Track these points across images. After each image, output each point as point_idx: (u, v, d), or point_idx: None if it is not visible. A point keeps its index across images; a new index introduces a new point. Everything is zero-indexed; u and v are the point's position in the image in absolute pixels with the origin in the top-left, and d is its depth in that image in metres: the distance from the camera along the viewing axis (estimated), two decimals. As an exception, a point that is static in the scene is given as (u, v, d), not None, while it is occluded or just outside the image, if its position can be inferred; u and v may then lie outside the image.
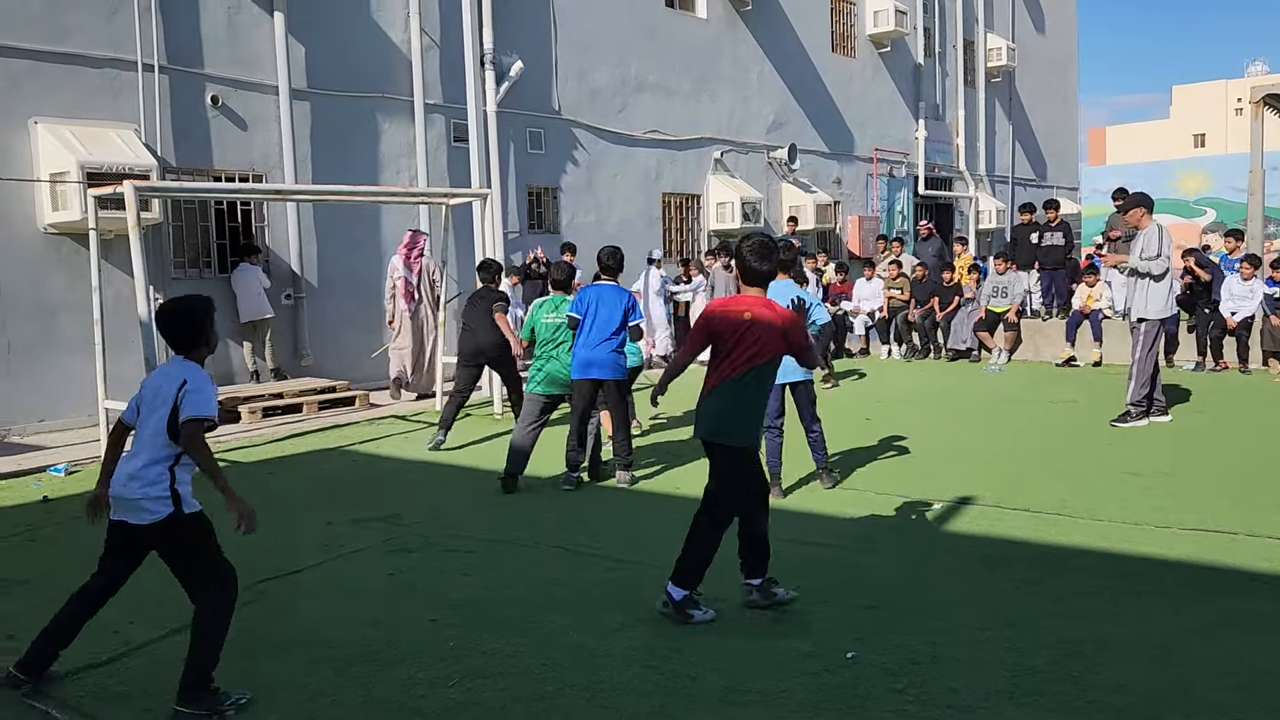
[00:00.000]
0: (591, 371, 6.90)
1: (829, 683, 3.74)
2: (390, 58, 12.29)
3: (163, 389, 3.73)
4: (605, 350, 6.87)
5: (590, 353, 6.87)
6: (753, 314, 4.41)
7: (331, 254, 11.86)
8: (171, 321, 3.89)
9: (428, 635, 4.32)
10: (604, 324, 6.85)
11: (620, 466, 7.05)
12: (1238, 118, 48.70)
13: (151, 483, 3.66)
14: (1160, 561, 5.03)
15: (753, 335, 4.37)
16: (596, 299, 6.92)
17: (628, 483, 7.00)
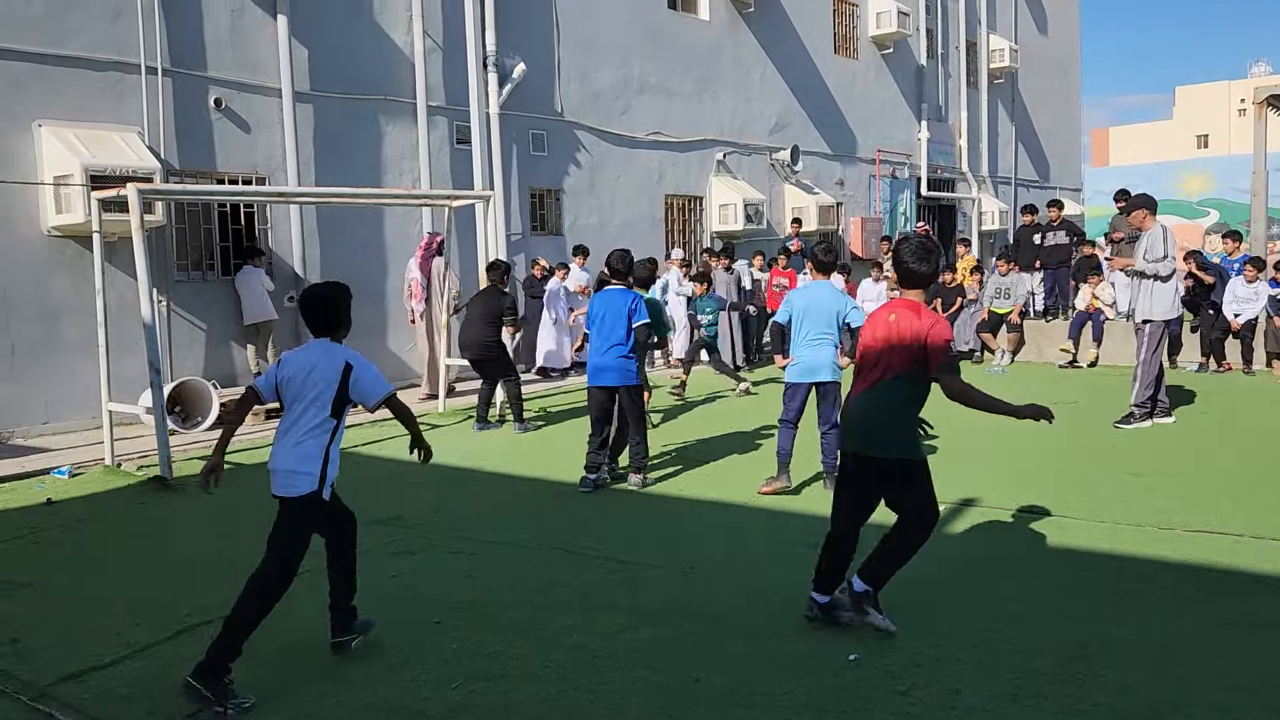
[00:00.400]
0: (602, 378, 6.90)
1: (832, 685, 3.74)
2: (393, 60, 12.31)
3: (319, 369, 4.00)
4: (613, 356, 6.84)
5: (599, 359, 6.88)
6: (898, 316, 4.25)
7: (334, 256, 11.87)
8: (315, 306, 4.12)
9: (431, 637, 4.33)
10: (610, 330, 6.83)
11: (634, 470, 7.03)
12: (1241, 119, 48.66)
13: (309, 458, 4.01)
14: (1163, 563, 5.03)
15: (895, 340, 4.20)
16: (604, 306, 6.92)
17: (639, 486, 6.98)
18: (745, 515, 6.26)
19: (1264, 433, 8.24)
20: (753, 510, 6.35)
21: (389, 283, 12.37)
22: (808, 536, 5.70)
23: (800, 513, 6.24)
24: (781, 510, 6.32)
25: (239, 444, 8.99)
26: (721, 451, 8.14)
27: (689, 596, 4.74)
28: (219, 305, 10.92)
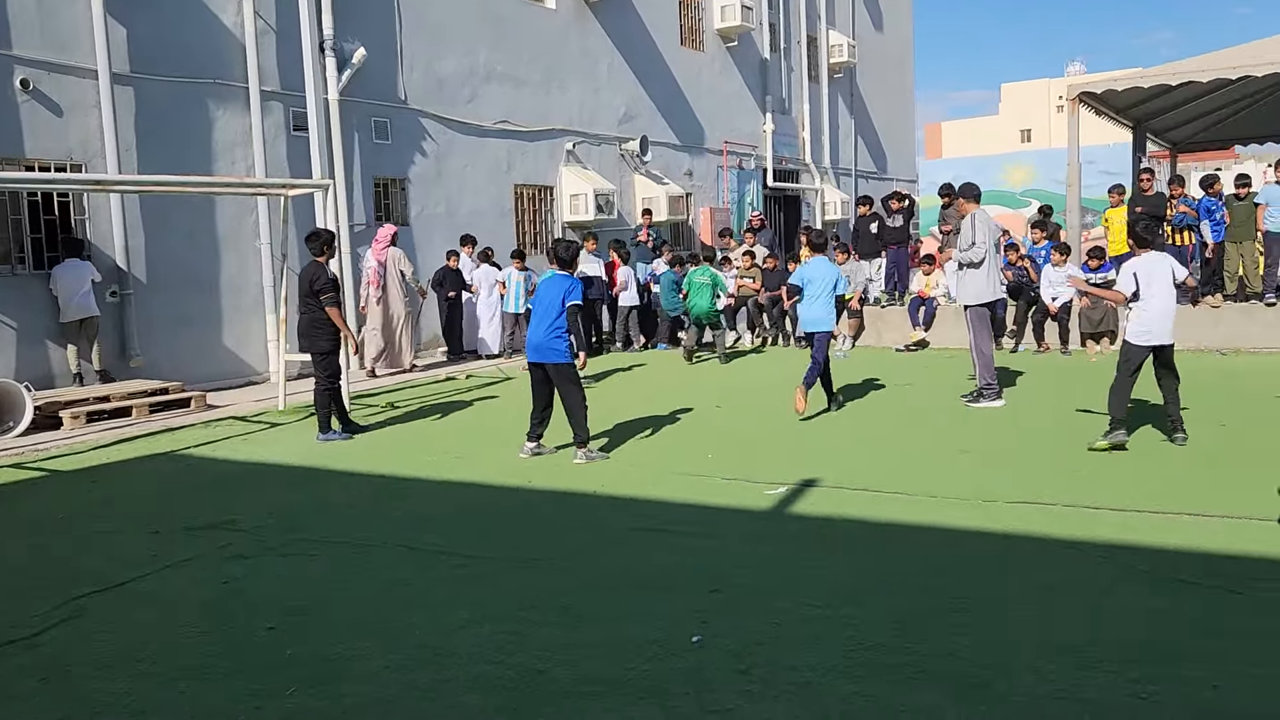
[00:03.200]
0: (535, 355, 7.37)
1: (675, 667, 3.77)
2: (222, 42, 11.72)
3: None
4: (546, 335, 7.29)
5: (533, 338, 7.38)
6: None
7: (161, 248, 11.24)
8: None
9: (264, 644, 4.14)
10: (545, 310, 7.33)
11: (577, 444, 7.35)
12: (1059, 114, 51.94)
13: None
14: (988, 533, 5.30)
15: None
16: (544, 289, 7.46)
17: (584, 460, 7.27)
18: (592, 504, 6.26)
19: (1078, 408, 8.80)
20: (598, 499, 6.36)
21: (223, 274, 11.81)
22: (649, 521, 5.77)
23: (645, 499, 6.29)
24: (626, 497, 6.35)
25: (59, 451, 8.43)
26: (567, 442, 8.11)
27: (535, 588, 4.69)
28: (31, 301, 10.18)
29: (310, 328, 8.52)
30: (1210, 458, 6.75)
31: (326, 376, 8.53)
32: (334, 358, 8.58)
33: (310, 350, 8.57)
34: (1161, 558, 4.79)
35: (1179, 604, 4.20)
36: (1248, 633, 3.88)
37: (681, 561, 5.02)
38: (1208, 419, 7.99)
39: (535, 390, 7.51)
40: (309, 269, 8.52)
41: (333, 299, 8.43)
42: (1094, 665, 3.63)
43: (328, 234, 8.74)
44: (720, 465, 7.12)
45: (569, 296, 7.29)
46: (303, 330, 8.63)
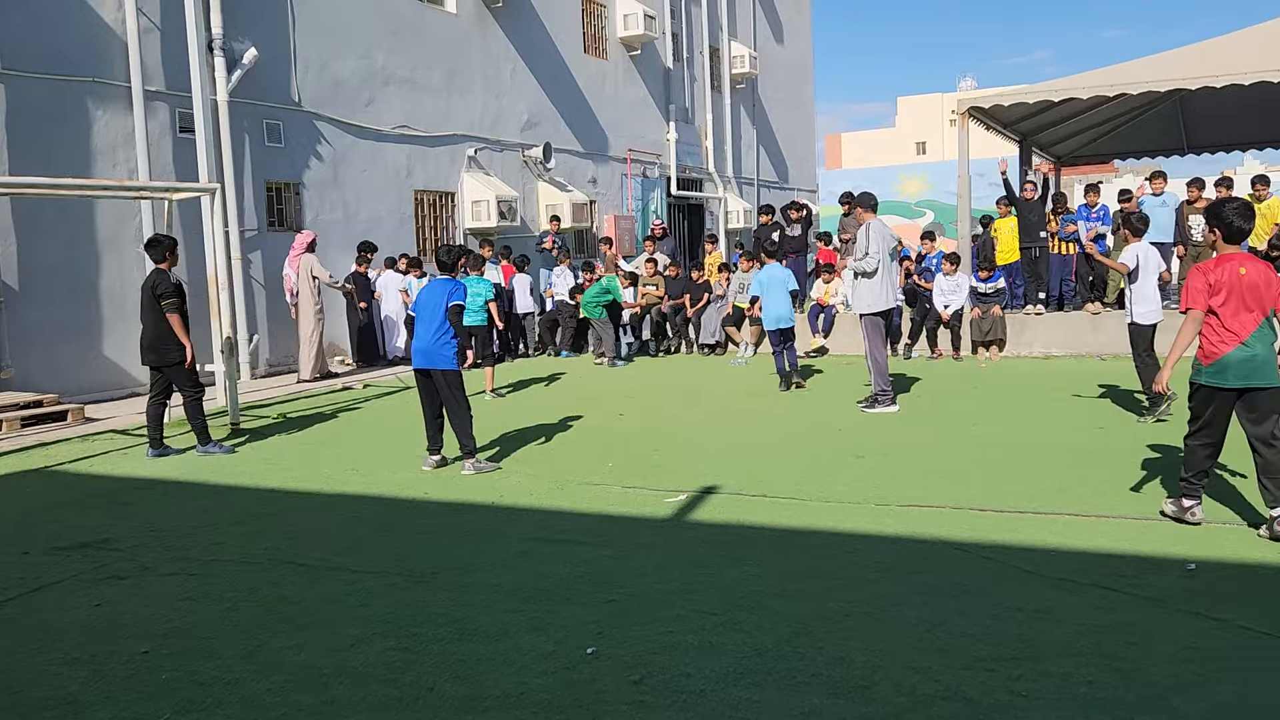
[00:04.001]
0: (421, 361, 7.28)
1: (568, 680, 3.73)
2: (102, 39, 11.23)
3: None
4: (434, 340, 7.19)
5: (418, 344, 7.29)
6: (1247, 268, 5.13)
7: (35, 254, 10.70)
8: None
9: (138, 669, 3.95)
10: (430, 315, 7.25)
11: (464, 454, 7.26)
12: (952, 128, 53.64)
13: None
14: (880, 537, 5.40)
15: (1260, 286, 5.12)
16: (428, 294, 7.35)
17: (472, 471, 7.15)
18: (489, 515, 6.17)
19: (969, 413, 9.07)
20: (496, 510, 6.28)
21: (103, 281, 11.31)
22: (546, 532, 5.72)
23: (543, 509, 6.24)
24: (524, 508, 6.28)
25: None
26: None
27: (428, 604, 4.59)
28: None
29: (157, 339, 8.03)
30: (1089, 460, 7.01)
31: (191, 387, 8.14)
32: (191, 367, 8.13)
33: (161, 364, 8.08)
34: (1042, 557, 4.95)
35: (1058, 602, 4.34)
36: (1121, 628, 4.03)
37: (578, 572, 4.98)
38: (1088, 423, 8.32)
39: (425, 399, 7.39)
40: (150, 277, 8.08)
41: (174, 305, 7.97)
42: (976, 664, 3.72)
43: (169, 240, 8.32)
44: (620, 474, 7.10)
45: (451, 299, 7.23)
46: (149, 343, 8.07)
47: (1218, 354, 5.13)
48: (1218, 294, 5.14)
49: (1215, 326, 5.17)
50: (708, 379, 12.17)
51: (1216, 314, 5.15)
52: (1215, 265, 5.22)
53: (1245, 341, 5.08)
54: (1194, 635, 3.94)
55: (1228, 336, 5.10)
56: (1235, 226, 5.21)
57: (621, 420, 9.38)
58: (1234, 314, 5.11)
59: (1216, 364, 5.13)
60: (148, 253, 8.32)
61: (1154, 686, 3.51)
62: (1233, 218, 5.21)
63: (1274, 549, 4.94)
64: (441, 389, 7.25)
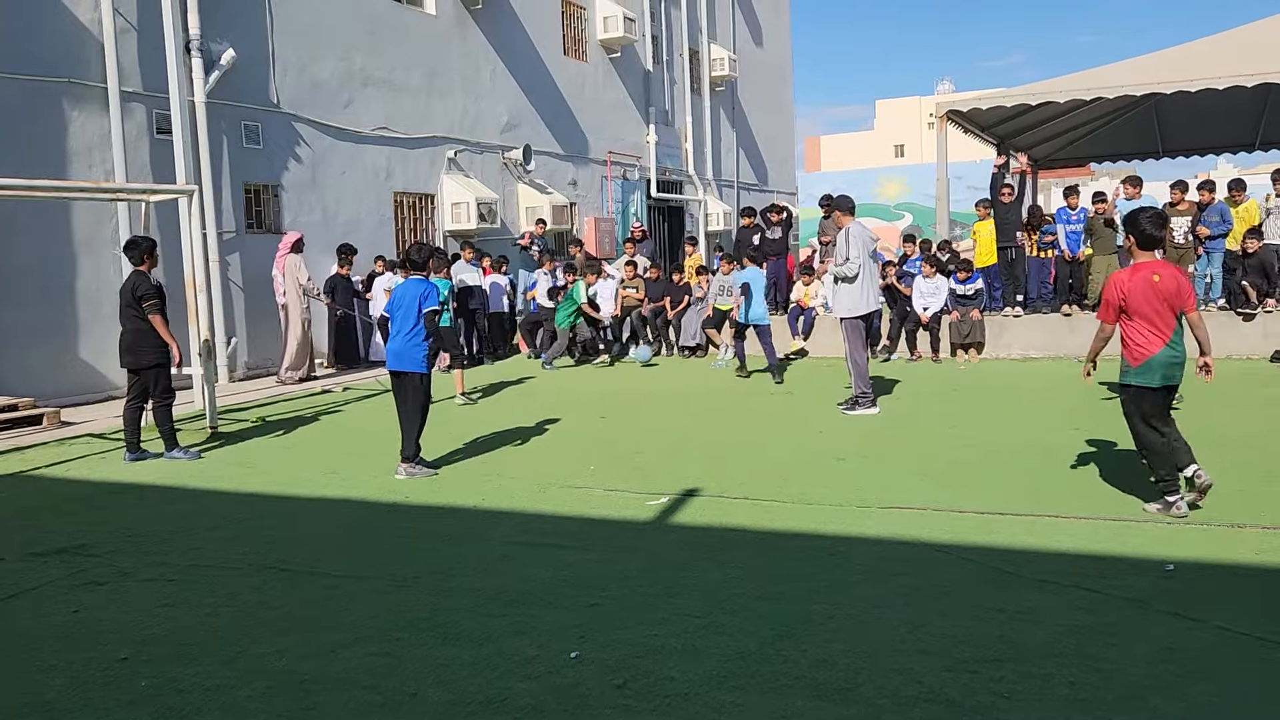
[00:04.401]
0: (393, 363, 7.26)
1: (552, 684, 3.73)
2: (78, 39, 11.12)
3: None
4: (404, 343, 7.17)
5: (392, 345, 7.27)
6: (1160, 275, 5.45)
7: (10, 255, 10.58)
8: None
9: (117, 676, 3.91)
10: (404, 316, 7.20)
11: (403, 459, 7.22)
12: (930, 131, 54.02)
13: None
14: (862, 539, 5.42)
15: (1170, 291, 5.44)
16: (401, 295, 7.28)
17: (404, 474, 7.14)
18: (470, 519, 6.16)
19: (949, 415, 9.13)
20: (477, 514, 6.26)
21: (79, 283, 11.19)
22: (529, 535, 5.71)
23: (525, 512, 6.22)
24: (506, 511, 6.27)
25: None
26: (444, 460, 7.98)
27: (410, 608, 4.57)
28: None
29: (135, 342, 7.97)
30: (1067, 461, 7.07)
31: (161, 391, 8.04)
32: (164, 370, 8.04)
33: (136, 366, 7.99)
34: (1022, 558, 4.98)
35: (1039, 603, 4.38)
36: (1101, 629, 4.06)
37: (561, 575, 4.97)
38: (1065, 424, 8.38)
39: (399, 400, 7.32)
40: (130, 279, 8.04)
41: (156, 306, 7.91)
42: (958, 666, 3.74)
43: (147, 242, 8.24)
44: (602, 477, 7.10)
45: (425, 302, 7.18)
46: (126, 345, 8.02)
47: (1146, 355, 5.46)
48: (1135, 301, 5.47)
49: (1141, 330, 5.48)
50: (689, 381, 12.18)
51: (1139, 319, 5.48)
52: (1130, 275, 5.54)
53: (1170, 342, 5.46)
54: (1173, 635, 3.98)
55: (1154, 339, 5.45)
56: (1148, 234, 5.58)
57: (602, 423, 9.37)
58: (1156, 318, 5.45)
59: (1145, 365, 5.47)
60: (126, 254, 8.25)
61: (1134, 686, 3.54)
62: (1146, 226, 5.57)
63: (1250, 550, 5.00)
64: (409, 391, 7.21)
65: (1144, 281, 5.47)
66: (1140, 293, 5.45)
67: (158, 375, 8.01)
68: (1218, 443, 7.22)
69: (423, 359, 7.18)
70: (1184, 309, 5.50)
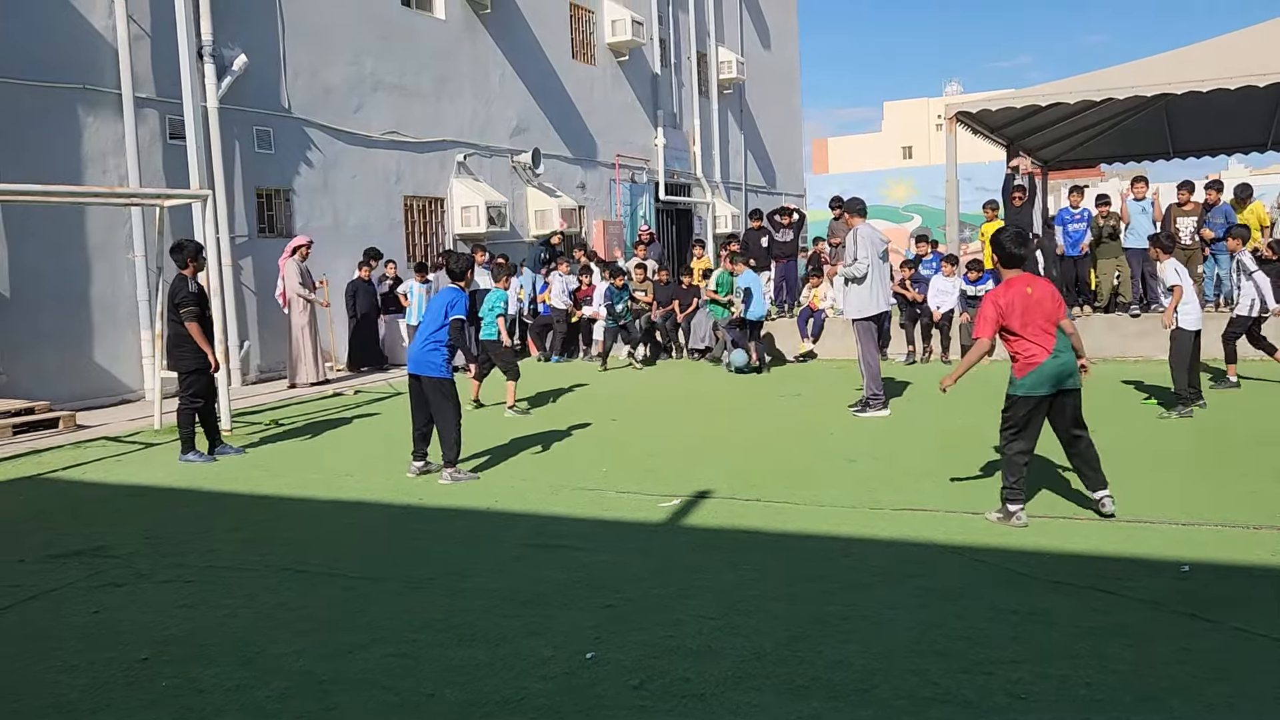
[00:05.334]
0: (412, 368, 7.29)
1: (568, 685, 3.74)
2: (92, 45, 11.20)
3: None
4: (424, 349, 7.20)
5: (413, 350, 7.32)
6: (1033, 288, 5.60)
7: (25, 261, 10.65)
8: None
9: (137, 676, 3.94)
10: (429, 324, 7.27)
11: (445, 464, 7.18)
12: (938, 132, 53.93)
13: None
14: (875, 540, 5.43)
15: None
16: (433, 302, 7.41)
17: (449, 480, 7.12)
18: (484, 521, 6.18)
19: (960, 417, 9.12)
20: (491, 515, 6.29)
21: (93, 288, 11.27)
22: (542, 537, 5.74)
23: (539, 514, 6.25)
24: (520, 513, 6.29)
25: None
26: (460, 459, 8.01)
27: (426, 609, 4.60)
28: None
29: (174, 345, 8.09)
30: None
31: (189, 395, 8.07)
32: (198, 377, 8.08)
33: (175, 369, 8.11)
34: (1036, 560, 4.99)
35: (1053, 604, 4.38)
36: (1117, 630, 4.06)
37: (575, 577, 4.99)
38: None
39: (414, 404, 7.32)
40: (173, 283, 8.13)
41: (192, 313, 7.95)
42: (974, 667, 3.75)
43: (193, 245, 8.26)
44: (615, 479, 7.12)
45: (452, 310, 7.21)
46: (167, 348, 8.25)
47: (1034, 365, 5.49)
48: (1014, 315, 5.53)
49: (1026, 342, 5.52)
50: (698, 384, 12.20)
51: (1022, 331, 5.52)
52: (1004, 290, 5.62)
53: (1055, 351, 5.49)
54: (1189, 637, 3.98)
55: (1038, 350, 5.48)
56: (1009, 252, 5.76)
57: (614, 425, 9.39)
58: (1038, 328, 5.51)
59: (1034, 375, 5.49)
60: (172, 257, 8.28)
61: (1151, 687, 3.55)
62: (1009, 245, 5.75)
63: (1266, 551, 4.99)
64: (431, 396, 7.18)
65: (1019, 295, 5.56)
66: (1018, 306, 5.53)
67: (190, 379, 8.06)
68: (1235, 444, 7.22)
69: (441, 364, 7.15)
70: (1060, 318, 5.60)
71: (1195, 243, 12.87)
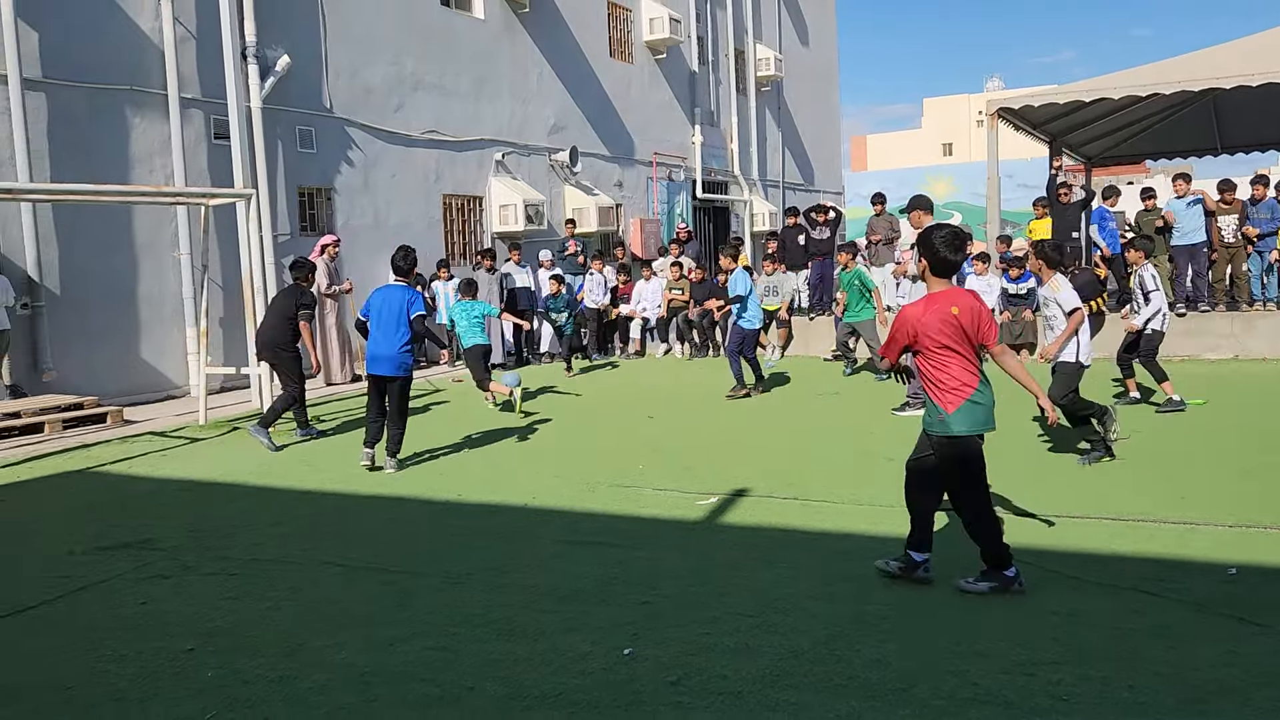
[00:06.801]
0: (377, 368, 7.47)
1: (606, 680, 3.76)
2: (140, 47, 11.41)
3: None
4: (389, 347, 7.36)
5: (375, 350, 7.44)
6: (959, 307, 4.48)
7: (76, 258, 10.88)
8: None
9: (184, 667, 4.02)
10: (388, 323, 7.40)
11: (389, 454, 7.51)
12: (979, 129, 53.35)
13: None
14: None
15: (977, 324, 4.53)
16: (382, 300, 7.47)
17: (394, 469, 7.47)
18: (516, 517, 6.22)
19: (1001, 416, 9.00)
20: (529, 512, 6.33)
21: (140, 286, 11.48)
22: (580, 533, 5.76)
23: (576, 511, 6.28)
24: (557, 510, 6.33)
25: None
26: (498, 455, 8.07)
27: (465, 604, 4.64)
28: (-64, 315, 9.77)
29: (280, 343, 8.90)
30: (1123, 463, 6.96)
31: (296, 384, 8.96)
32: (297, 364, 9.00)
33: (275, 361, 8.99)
34: (1078, 561, 4.93)
35: (1097, 606, 4.33)
36: (1161, 632, 4.01)
37: (612, 573, 5.01)
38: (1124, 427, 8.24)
39: (377, 401, 7.59)
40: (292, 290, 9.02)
41: (308, 316, 8.92)
42: (1015, 668, 3.71)
43: (309, 264, 9.27)
44: (651, 476, 7.13)
45: (413, 308, 7.44)
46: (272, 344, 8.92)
47: (965, 397, 4.50)
48: (934, 338, 4.46)
49: (958, 368, 4.49)
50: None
51: (949, 355, 4.49)
52: (925, 308, 4.49)
53: (984, 381, 4.57)
54: (1236, 640, 3.91)
55: (970, 378, 4.51)
56: (942, 257, 4.52)
57: (651, 423, 9.41)
58: (967, 353, 4.50)
59: (971, 409, 4.52)
60: (291, 273, 9.20)
61: (1196, 691, 3.50)
62: (940, 248, 4.51)
63: (1314, 553, 4.90)
64: (398, 394, 7.50)
65: (940, 316, 4.45)
66: (937, 329, 4.44)
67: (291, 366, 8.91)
68: None
69: (412, 363, 7.55)
70: (985, 344, 4.55)
71: (1238, 241, 12.63)
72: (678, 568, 5.08)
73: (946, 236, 4.53)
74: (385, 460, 7.52)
